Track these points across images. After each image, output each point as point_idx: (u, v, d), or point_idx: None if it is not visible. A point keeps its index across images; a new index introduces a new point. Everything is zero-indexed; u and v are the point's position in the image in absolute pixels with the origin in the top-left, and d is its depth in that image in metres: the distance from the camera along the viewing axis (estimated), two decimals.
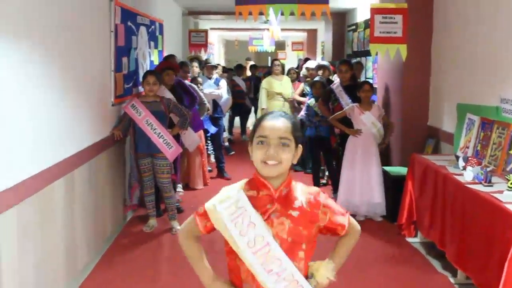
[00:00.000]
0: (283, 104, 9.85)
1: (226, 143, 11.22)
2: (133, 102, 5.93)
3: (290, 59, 23.18)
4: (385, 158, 7.44)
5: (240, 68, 13.40)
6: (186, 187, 8.00)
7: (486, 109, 5.22)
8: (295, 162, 2.15)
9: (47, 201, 4.00)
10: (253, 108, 13.24)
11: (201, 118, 7.65)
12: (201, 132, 7.97)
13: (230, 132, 13.11)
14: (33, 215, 3.73)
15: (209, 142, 9.24)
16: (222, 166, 8.91)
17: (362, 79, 9.11)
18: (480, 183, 4.33)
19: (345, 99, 6.91)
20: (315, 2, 6.22)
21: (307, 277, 2.21)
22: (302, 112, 8.28)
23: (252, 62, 16.92)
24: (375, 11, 6.59)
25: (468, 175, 4.48)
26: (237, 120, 13.63)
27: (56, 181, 4.15)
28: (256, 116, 11.50)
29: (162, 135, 5.92)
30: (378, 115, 6.56)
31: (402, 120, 6.95)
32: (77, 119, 4.74)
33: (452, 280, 4.73)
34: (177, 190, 7.27)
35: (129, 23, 6.59)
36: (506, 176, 4.27)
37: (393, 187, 6.31)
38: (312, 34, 18.34)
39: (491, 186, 4.24)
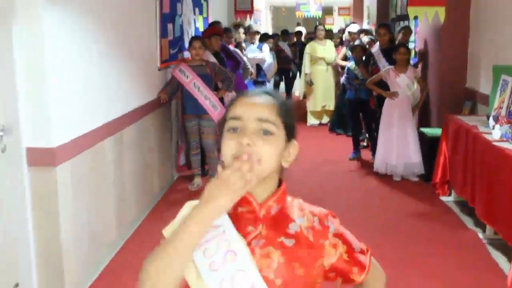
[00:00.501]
0: (326, 68, 10.05)
1: None
2: (181, 66, 6.24)
3: (337, 24, 23.10)
4: (425, 119, 7.58)
5: (286, 34, 13.57)
6: None
7: None
8: (286, 165, 1.47)
9: (99, 157, 4.36)
10: (298, 73, 13.45)
11: (245, 82, 7.94)
12: None
13: None
14: (86, 169, 4.10)
15: None
16: None
17: (411, 43, 9.20)
18: (508, 141, 4.49)
19: (382, 62, 7.09)
20: None
21: None
22: (344, 76, 8.47)
23: (300, 28, 17.06)
24: None
25: (496, 133, 4.64)
26: (282, 85, 13.87)
27: (106, 139, 4.51)
28: (301, 80, 11.72)
29: (208, 97, 6.22)
30: (414, 77, 6.68)
31: (440, 82, 7.06)
32: (126, 82, 5.07)
33: (481, 235, 4.92)
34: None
35: None
36: None
37: (429, 148, 6.47)
38: None
39: None
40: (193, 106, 6.25)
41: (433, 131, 6.79)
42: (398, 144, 6.65)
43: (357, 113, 7.93)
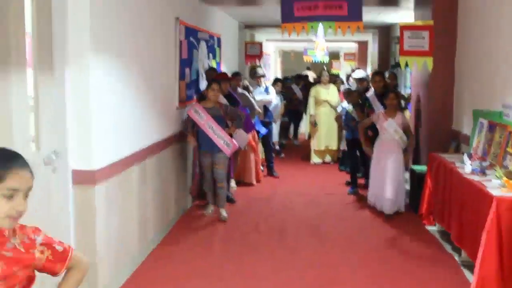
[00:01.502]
0: (329, 111, 10.86)
1: (277, 147, 12.26)
2: (196, 107, 7.00)
3: (343, 68, 24.08)
4: (416, 157, 8.33)
5: (298, 78, 14.53)
6: (240, 183, 9.08)
7: (493, 114, 6.07)
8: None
9: (127, 181, 5.13)
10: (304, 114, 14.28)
11: (252, 121, 8.74)
12: (254, 133, 9.04)
13: (286, 137, 14.02)
14: (117, 190, 4.86)
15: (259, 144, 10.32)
16: (272, 166, 9.96)
17: (401, 87, 10.02)
18: (477, 174, 5.22)
19: (377, 106, 7.87)
20: (351, 20, 7.17)
21: None
22: (342, 118, 9.30)
23: (308, 72, 18.08)
24: (404, 27, 7.50)
25: (467, 168, 5.38)
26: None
27: (132, 166, 5.28)
28: (306, 121, 12.53)
29: (221, 136, 6.96)
30: (401, 123, 7.31)
31: (430, 124, 7.82)
32: (149, 119, 5.88)
33: (457, 258, 5.62)
34: (231, 185, 8.39)
35: (191, 39, 7.75)
36: (494, 168, 5.16)
37: (418, 183, 7.21)
38: (363, 45, 19.24)
39: (485, 176, 5.13)
40: (207, 143, 6.96)
41: (422, 168, 7.50)
42: (381, 180, 7.31)
43: (354, 152, 8.70)
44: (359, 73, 10.97)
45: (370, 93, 8.20)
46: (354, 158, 8.75)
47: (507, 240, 4.35)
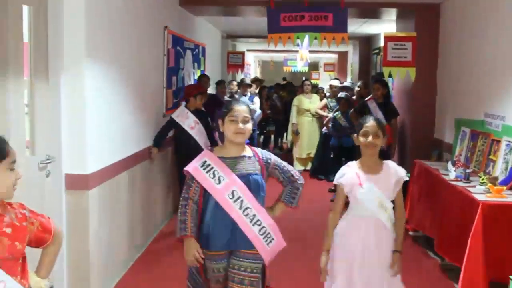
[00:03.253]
0: (312, 119, 11.00)
1: None
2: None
3: (322, 79, 24.29)
4: (400, 166, 8.45)
5: (278, 87, 14.76)
6: None
7: (475, 123, 6.24)
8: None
9: (117, 186, 5.17)
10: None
11: None
12: None
13: (267, 146, 14.16)
14: (108, 195, 4.90)
15: None
16: None
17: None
18: (461, 180, 5.36)
19: (379, 115, 7.37)
20: (336, 31, 7.31)
21: None
22: (330, 124, 9.29)
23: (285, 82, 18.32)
24: (388, 39, 7.68)
25: (452, 174, 5.52)
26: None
27: (122, 172, 5.31)
28: (288, 129, 12.66)
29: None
30: (394, 183, 3.74)
31: (413, 133, 7.98)
32: (138, 126, 5.92)
33: (441, 263, 5.74)
34: None
35: (178, 48, 7.82)
36: (478, 174, 5.31)
37: (402, 191, 7.31)
38: (342, 56, 19.46)
39: (469, 182, 5.27)
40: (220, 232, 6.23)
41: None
42: None
43: (340, 159, 8.71)
44: (336, 82, 11.19)
45: (370, 100, 8.13)
46: (339, 166, 8.58)
47: (492, 244, 4.47)
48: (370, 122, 3.66)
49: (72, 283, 4.47)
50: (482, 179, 5.10)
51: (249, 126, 3.37)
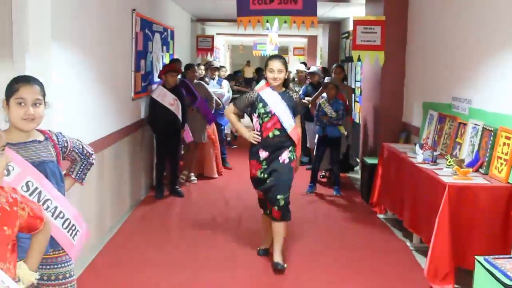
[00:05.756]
0: None
1: (228, 138, 12.37)
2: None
3: (292, 63, 24.30)
4: (366, 149, 8.54)
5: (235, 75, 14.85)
6: (201, 176, 9.14)
7: (442, 106, 6.31)
8: None
9: None
10: None
11: (212, 112, 8.78)
12: (214, 126, 9.14)
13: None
14: None
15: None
16: (225, 157, 10.03)
17: (357, 83, 10.38)
18: (428, 163, 5.43)
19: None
20: (305, 15, 7.28)
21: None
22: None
23: (246, 68, 18.37)
24: (357, 22, 7.71)
25: (419, 157, 5.58)
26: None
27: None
28: None
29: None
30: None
31: (381, 117, 8.04)
32: (106, 109, 5.86)
33: (409, 244, 5.83)
34: (191, 179, 8.65)
35: (146, 31, 7.72)
36: (445, 157, 5.39)
37: (369, 174, 7.39)
38: (312, 40, 19.46)
39: (436, 165, 5.35)
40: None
41: (373, 159, 7.68)
42: None
43: (322, 149, 8.32)
44: (312, 68, 11.21)
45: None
46: (320, 156, 8.34)
47: (458, 225, 4.55)
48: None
49: None
50: (449, 162, 5.17)
51: (41, 110, 2.83)
